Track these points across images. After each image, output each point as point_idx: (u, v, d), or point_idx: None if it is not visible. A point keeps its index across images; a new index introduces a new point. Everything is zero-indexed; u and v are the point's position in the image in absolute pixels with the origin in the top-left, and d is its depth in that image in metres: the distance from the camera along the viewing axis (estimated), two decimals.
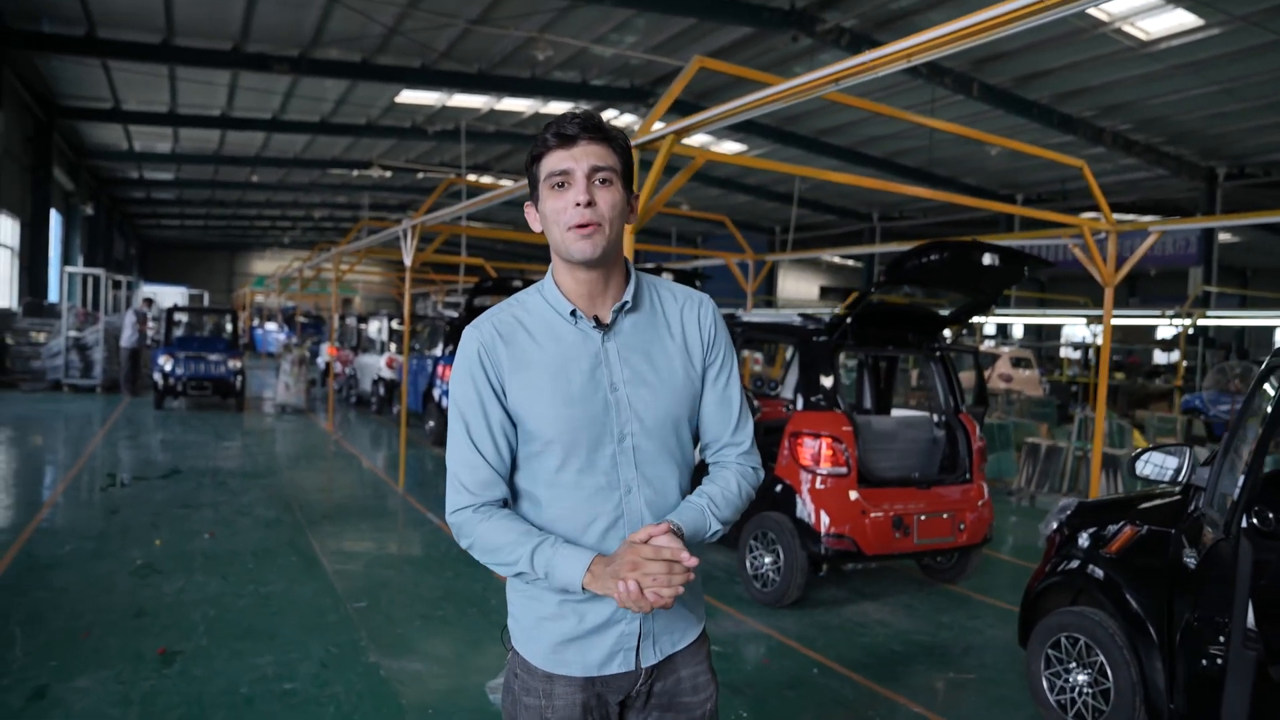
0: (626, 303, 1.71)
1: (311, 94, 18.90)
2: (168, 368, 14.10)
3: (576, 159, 1.60)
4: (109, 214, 33.20)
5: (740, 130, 20.05)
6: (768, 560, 5.90)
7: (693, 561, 1.52)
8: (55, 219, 23.34)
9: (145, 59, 15.90)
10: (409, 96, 19.17)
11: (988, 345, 21.43)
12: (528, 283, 11.39)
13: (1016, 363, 18.19)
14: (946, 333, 6.46)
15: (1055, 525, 4.42)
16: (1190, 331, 18.94)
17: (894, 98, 16.84)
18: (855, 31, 14.93)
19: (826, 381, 5.89)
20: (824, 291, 39.35)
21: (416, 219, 8.22)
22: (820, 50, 15.37)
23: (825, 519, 5.62)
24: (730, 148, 22.17)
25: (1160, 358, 29.16)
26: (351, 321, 18.61)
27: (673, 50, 15.88)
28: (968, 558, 6.42)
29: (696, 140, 19.00)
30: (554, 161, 1.62)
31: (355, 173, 26.70)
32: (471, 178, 21.75)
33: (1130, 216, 23.47)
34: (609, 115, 20.27)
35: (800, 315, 6.37)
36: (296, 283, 21.04)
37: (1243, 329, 28.06)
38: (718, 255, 12.54)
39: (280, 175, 28.29)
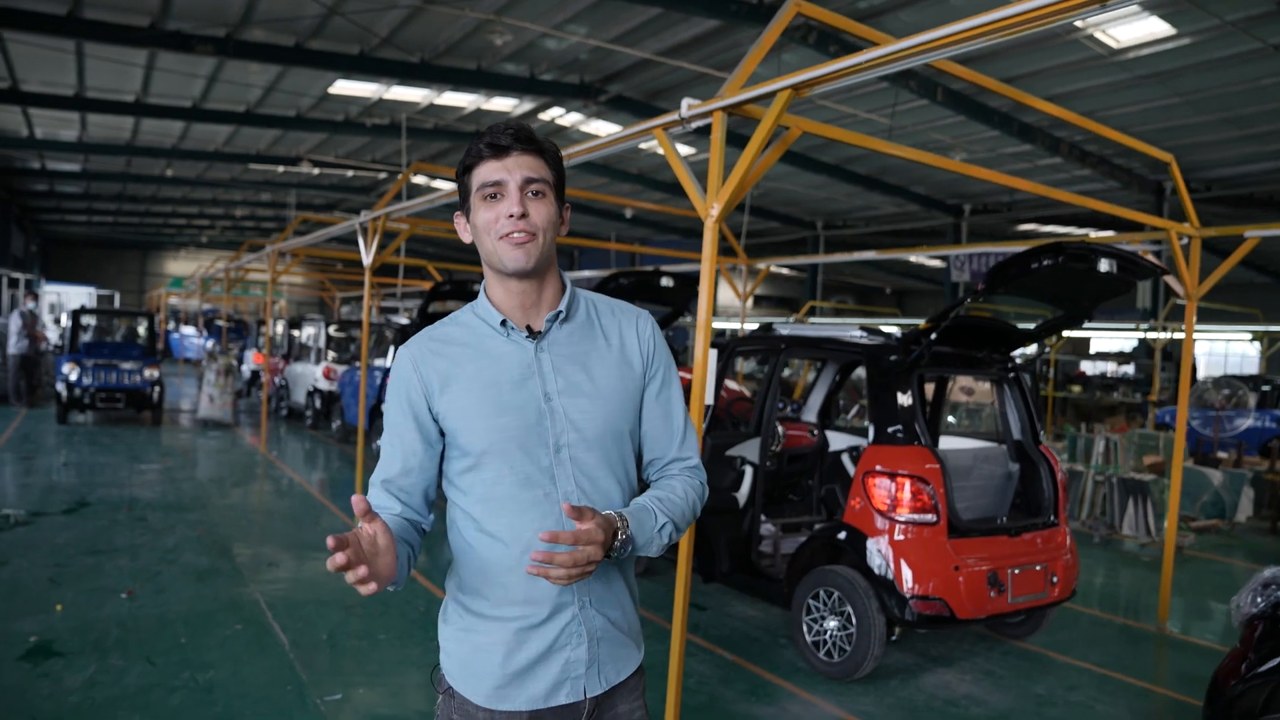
0: (561, 312, 1.67)
1: (237, 80, 17.10)
2: (73, 377, 12.29)
3: (510, 170, 1.59)
4: (5, 207, 30.35)
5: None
6: (832, 624, 4.78)
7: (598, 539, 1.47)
8: None
9: (48, 31, 13.96)
10: (344, 87, 17.55)
11: None
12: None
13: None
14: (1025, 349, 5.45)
15: (1257, 605, 3.40)
16: (1164, 345, 18.60)
17: (855, 100, 16.06)
18: (823, 29, 14.05)
19: (905, 409, 4.80)
20: (758, 300, 38.67)
21: (379, 210, 6.87)
22: (784, 49, 14.45)
23: (910, 576, 4.52)
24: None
25: (1099, 369, 29.12)
26: (280, 327, 16.90)
27: (630, 44, 14.74)
28: (1044, 611, 5.42)
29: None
30: (486, 172, 1.60)
31: (281, 169, 24.79)
32: (420, 179, 20.26)
33: (1091, 231, 23.29)
34: (555, 113, 19.06)
35: (862, 328, 5.28)
36: (221, 284, 19.17)
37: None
38: (693, 257, 11.39)
39: (200, 170, 26.10)
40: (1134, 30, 12.89)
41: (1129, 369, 22.61)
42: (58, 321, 15.62)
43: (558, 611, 1.60)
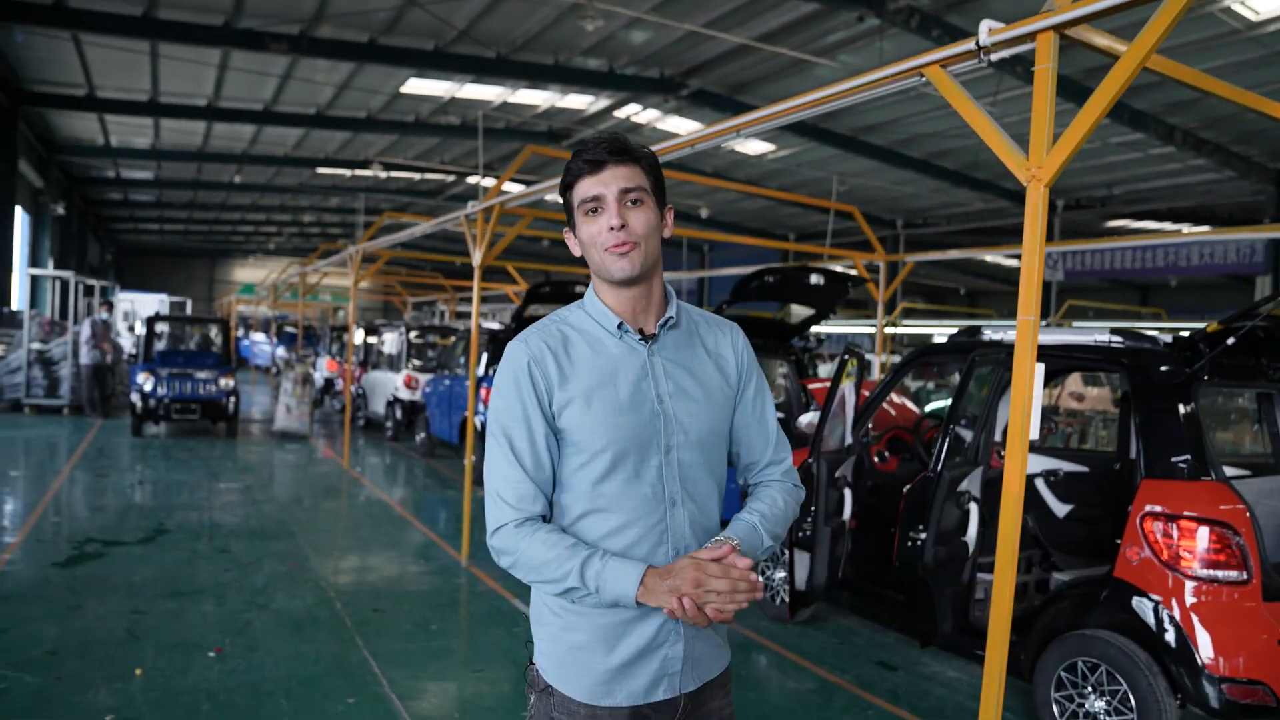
0: (671, 318, 1.71)
1: (309, 79, 16.45)
2: (148, 387, 11.61)
3: (606, 183, 1.61)
4: (83, 216, 30.33)
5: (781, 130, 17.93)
6: (1098, 706, 3.69)
7: (758, 582, 1.50)
8: (21, 218, 20.66)
9: (124, 33, 13.41)
10: (416, 86, 16.80)
11: None
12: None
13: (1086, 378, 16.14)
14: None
15: None
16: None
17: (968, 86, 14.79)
18: (926, 13, 12.88)
19: (1190, 433, 3.69)
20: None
21: (490, 200, 5.91)
22: (886, 32, 13.31)
23: (1215, 651, 3.41)
24: (758, 147, 20.12)
25: None
26: (359, 333, 16.17)
27: (724, 29, 13.68)
28: None
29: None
30: (585, 188, 1.62)
31: (350, 173, 24.25)
32: (488, 181, 19.46)
33: (1186, 226, 21.72)
34: (631, 109, 18.12)
35: (1114, 331, 4.18)
36: (294, 289, 18.51)
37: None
38: (848, 255, 10.30)
39: (269, 176, 25.69)
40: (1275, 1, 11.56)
41: None
42: (131, 329, 14.98)
43: (657, 610, 1.55)
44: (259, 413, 15.98)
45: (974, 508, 4.15)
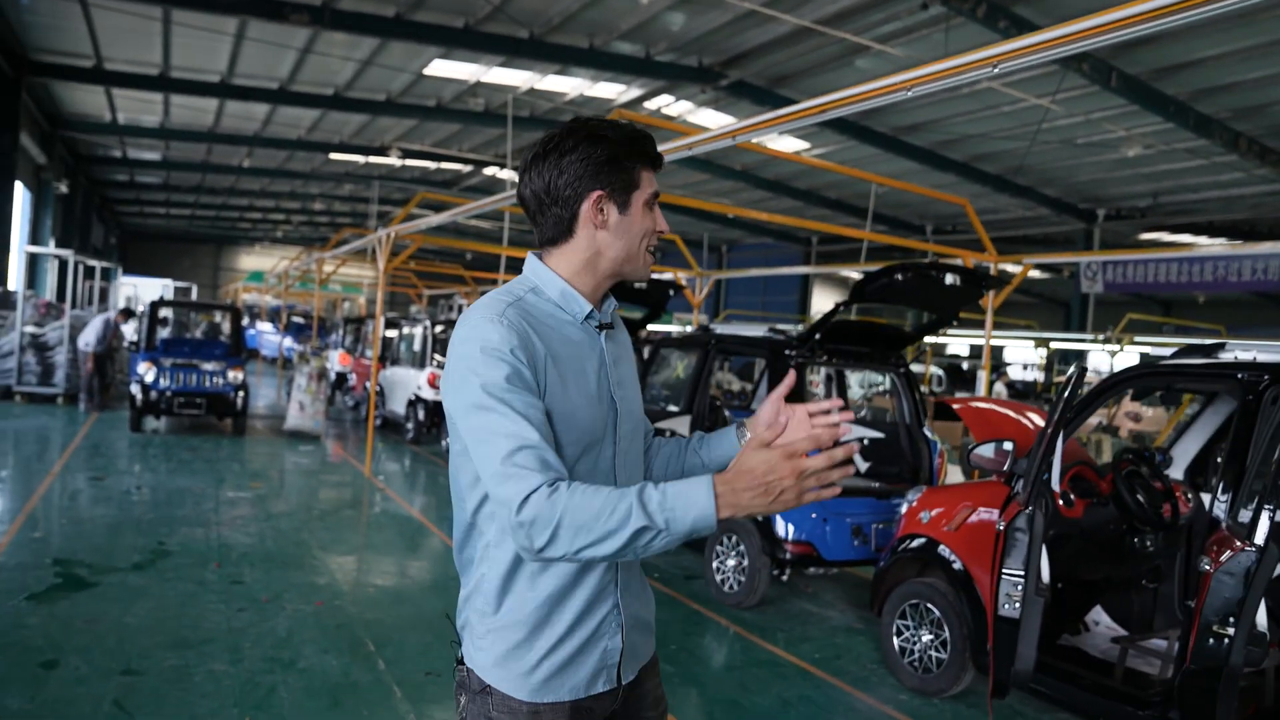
0: (616, 308, 1.70)
1: (330, 54, 15.31)
2: (149, 378, 10.48)
3: (655, 185, 1.60)
4: (87, 196, 29.10)
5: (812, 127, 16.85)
6: None
7: (850, 442, 1.36)
8: (22, 194, 19.48)
9: None
10: (441, 68, 15.69)
11: (1092, 376, 18.33)
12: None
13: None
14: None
15: None
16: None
17: (1019, 85, 13.79)
18: (994, 2, 11.82)
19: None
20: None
21: None
22: (951, 21, 12.24)
23: None
24: (791, 144, 19.06)
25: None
26: (371, 326, 15.06)
27: (783, 7, 12.55)
28: None
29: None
30: (652, 181, 1.59)
31: (364, 159, 23.11)
32: (506, 174, 18.37)
33: (1221, 240, 20.72)
34: (662, 100, 17.11)
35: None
36: (309, 278, 17.33)
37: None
38: (957, 254, 9.26)
39: (280, 160, 24.54)
40: None
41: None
42: (130, 314, 13.81)
43: (599, 603, 1.54)
44: (266, 407, 14.87)
45: None
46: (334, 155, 22.55)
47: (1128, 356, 17.88)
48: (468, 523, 1.56)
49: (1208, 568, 2.86)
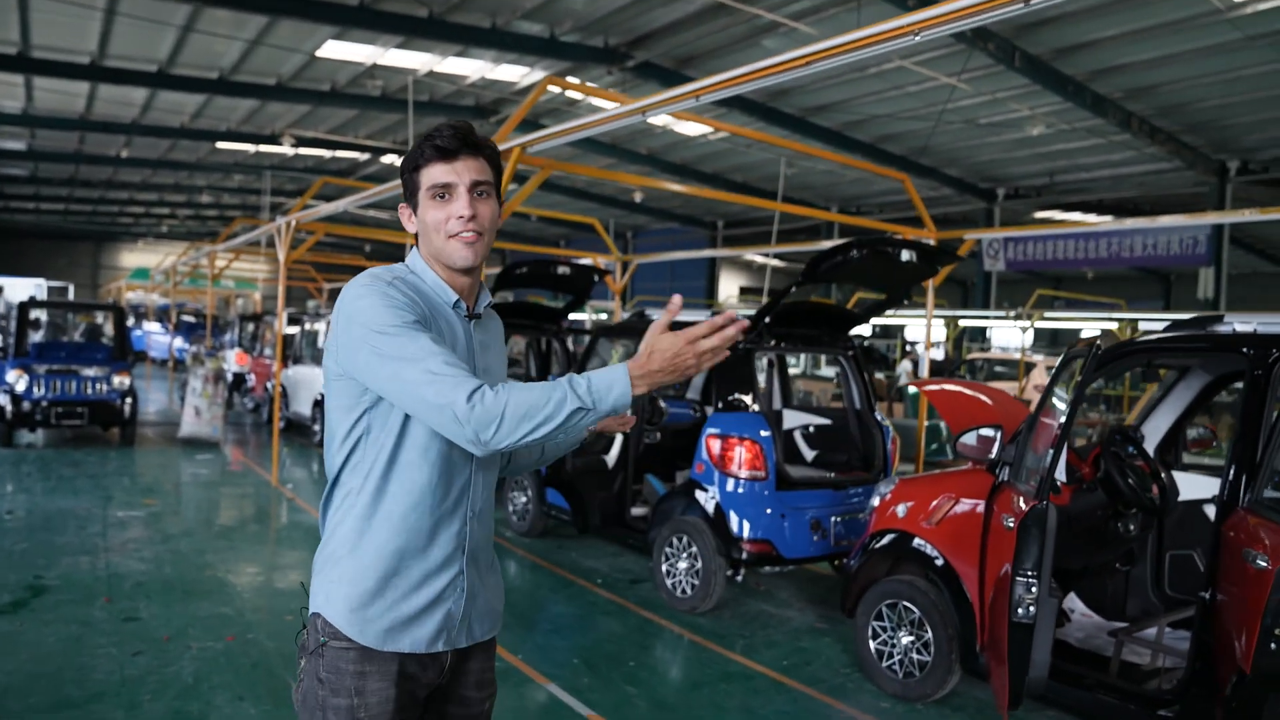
0: (491, 303, 1.80)
1: (214, 32, 14.16)
2: (20, 387, 9.42)
3: (459, 174, 1.63)
4: None
5: (719, 105, 16.59)
6: None
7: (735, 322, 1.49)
8: None
9: None
10: (335, 49, 14.74)
11: (997, 352, 18.76)
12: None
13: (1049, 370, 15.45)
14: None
15: None
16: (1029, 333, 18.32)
17: (927, 64, 13.80)
18: None
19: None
20: (743, 291, 36.50)
21: (512, 141, 4.29)
22: (860, 0, 12.11)
23: None
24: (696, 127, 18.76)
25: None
26: (266, 322, 14.08)
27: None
28: None
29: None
30: (436, 174, 1.63)
31: (254, 148, 21.77)
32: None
33: (1108, 218, 21.42)
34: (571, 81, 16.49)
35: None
36: (203, 273, 16.11)
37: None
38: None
39: (162, 150, 22.89)
40: None
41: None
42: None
43: (446, 567, 1.63)
44: (157, 414, 13.74)
45: None
46: (221, 144, 21.13)
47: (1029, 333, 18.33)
48: (333, 479, 1.66)
49: (1264, 564, 2.60)
